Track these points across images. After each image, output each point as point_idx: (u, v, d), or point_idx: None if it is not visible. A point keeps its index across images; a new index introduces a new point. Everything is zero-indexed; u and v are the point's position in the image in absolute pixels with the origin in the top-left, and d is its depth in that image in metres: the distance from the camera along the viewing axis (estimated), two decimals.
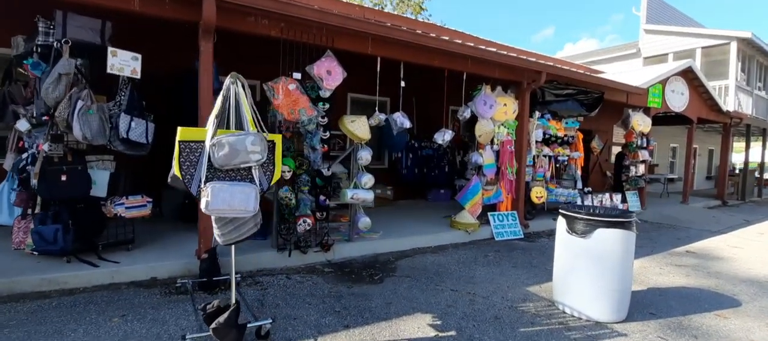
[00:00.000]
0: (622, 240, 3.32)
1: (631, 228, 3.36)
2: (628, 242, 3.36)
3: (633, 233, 3.40)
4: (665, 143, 16.43)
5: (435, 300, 3.80)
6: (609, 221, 3.30)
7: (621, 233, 3.30)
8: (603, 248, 3.32)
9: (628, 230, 3.34)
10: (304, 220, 4.64)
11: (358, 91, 8.40)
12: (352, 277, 4.42)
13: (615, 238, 3.30)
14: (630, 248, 3.39)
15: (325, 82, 4.68)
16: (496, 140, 6.71)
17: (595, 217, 3.34)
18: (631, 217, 3.38)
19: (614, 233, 3.30)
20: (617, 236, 3.30)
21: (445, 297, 3.87)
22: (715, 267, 5.37)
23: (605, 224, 3.30)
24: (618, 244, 3.31)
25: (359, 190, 5.03)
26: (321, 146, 4.74)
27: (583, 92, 7.75)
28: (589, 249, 3.37)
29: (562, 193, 7.70)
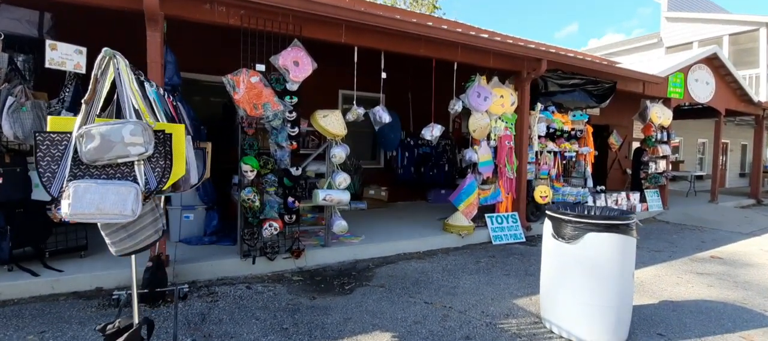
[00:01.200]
0: (618, 246, 2.75)
1: (629, 232, 2.79)
2: (626, 249, 2.79)
3: (632, 238, 2.83)
4: (693, 138, 15.33)
5: (403, 314, 3.32)
6: (601, 224, 2.74)
7: (616, 238, 2.74)
8: (594, 257, 2.77)
9: (626, 235, 2.77)
10: (270, 224, 4.24)
11: (350, 87, 7.99)
12: (321, 287, 3.99)
13: (609, 244, 2.74)
14: (629, 256, 2.82)
15: (291, 73, 4.28)
16: (493, 135, 6.15)
17: (585, 219, 2.79)
18: (629, 219, 2.81)
19: (608, 239, 2.74)
20: (612, 241, 2.74)
21: (416, 312, 3.38)
22: (745, 276, 4.66)
23: (597, 227, 2.75)
24: (613, 251, 2.75)
25: (333, 191, 4.59)
26: (288, 143, 4.34)
27: (593, 81, 7.08)
28: (578, 258, 2.82)
29: (571, 192, 7.05)
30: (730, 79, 10.00)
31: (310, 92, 7.51)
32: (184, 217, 4.83)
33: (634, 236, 2.84)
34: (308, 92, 7.73)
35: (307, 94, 7.73)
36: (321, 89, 7.57)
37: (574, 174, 7.45)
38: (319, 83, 7.60)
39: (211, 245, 4.71)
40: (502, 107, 6.04)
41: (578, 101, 6.90)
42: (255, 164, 4.16)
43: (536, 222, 6.77)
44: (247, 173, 4.15)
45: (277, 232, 4.28)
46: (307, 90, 7.69)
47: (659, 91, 8.55)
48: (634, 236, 2.85)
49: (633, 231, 2.83)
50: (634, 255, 2.89)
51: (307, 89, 7.72)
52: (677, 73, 8.78)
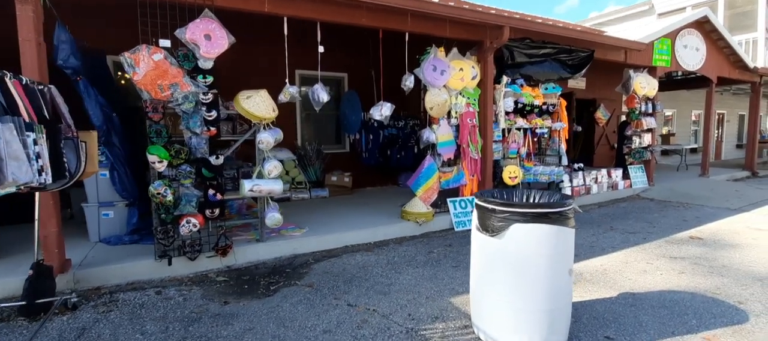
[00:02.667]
0: (549, 239, 2.28)
1: (563, 221, 2.31)
2: (560, 242, 2.32)
3: (568, 229, 2.35)
4: (686, 110, 14.73)
5: (315, 321, 2.88)
6: (528, 213, 2.26)
7: (546, 229, 2.26)
8: (521, 252, 2.30)
9: (559, 225, 2.29)
10: (188, 220, 3.78)
11: (309, 66, 7.43)
12: (244, 288, 3.56)
13: (537, 236, 2.27)
14: (563, 250, 2.35)
15: (202, 49, 3.75)
16: (454, 113, 5.63)
17: (509, 208, 2.31)
18: (564, 205, 2.32)
19: (536, 230, 2.26)
20: (541, 233, 2.27)
21: (332, 317, 2.93)
22: (724, 259, 4.20)
23: (523, 217, 2.27)
24: (542, 245, 2.27)
25: (262, 180, 4.11)
26: (203, 128, 3.84)
27: (566, 50, 6.51)
28: (503, 253, 2.35)
29: (544, 171, 6.55)
30: (722, 44, 9.37)
31: (261, 73, 6.99)
32: (103, 215, 4.38)
33: (570, 226, 2.36)
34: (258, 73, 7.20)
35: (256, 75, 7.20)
36: (273, 71, 7.02)
37: (549, 152, 6.94)
38: (271, 64, 7.07)
39: (133, 244, 4.27)
40: (461, 81, 5.49)
41: (549, 72, 6.34)
42: (163, 154, 3.67)
43: None
44: (154, 165, 3.67)
45: (197, 229, 3.82)
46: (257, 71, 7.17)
47: (643, 59, 7.96)
48: (571, 226, 2.37)
49: (569, 220, 2.34)
50: (571, 248, 2.42)
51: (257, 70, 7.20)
52: (663, 39, 8.17)
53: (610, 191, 7.73)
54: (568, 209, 2.32)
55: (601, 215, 6.38)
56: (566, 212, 2.31)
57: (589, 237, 5.05)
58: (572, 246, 2.43)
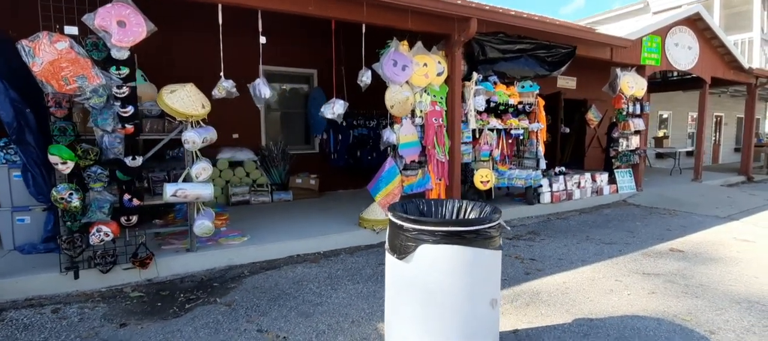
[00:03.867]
0: (464, 264, 1.86)
1: (484, 243, 1.89)
2: (479, 268, 1.90)
3: (491, 251, 1.93)
4: (682, 112, 14.27)
5: None
6: (438, 232, 1.84)
7: (461, 252, 1.85)
8: (430, 278, 1.88)
9: (477, 247, 1.87)
10: (98, 228, 3.38)
11: (274, 62, 7.03)
12: (156, 306, 3.15)
13: (450, 261, 1.85)
14: (483, 277, 1.93)
15: (114, 37, 3.35)
16: (419, 112, 5.21)
17: (418, 225, 1.89)
18: (485, 222, 1.90)
19: (447, 253, 1.85)
20: (454, 257, 1.85)
21: None
22: (702, 276, 3.77)
23: (433, 236, 1.85)
24: (456, 271, 1.86)
25: (188, 184, 3.71)
26: (116, 125, 3.43)
27: (545, 46, 6.08)
28: (411, 279, 1.94)
29: (519, 175, 6.13)
30: (716, 43, 8.92)
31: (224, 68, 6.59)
32: (18, 220, 3.98)
33: (493, 247, 1.93)
34: (219, 70, 6.78)
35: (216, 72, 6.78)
36: (236, 65, 6.61)
37: (527, 155, 6.51)
38: (233, 58, 6.66)
39: (48, 253, 3.86)
40: (426, 77, 5.07)
41: (525, 69, 5.92)
42: (66, 155, 3.26)
43: None
44: (57, 166, 3.27)
45: (109, 238, 3.42)
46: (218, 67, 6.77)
47: (631, 57, 7.53)
48: (494, 247, 1.94)
49: (491, 241, 1.92)
50: (494, 274, 2.00)
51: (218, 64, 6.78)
52: (652, 36, 7.73)
53: (594, 196, 7.30)
54: (488, 227, 1.89)
55: (579, 223, 5.95)
56: (486, 231, 1.89)
57: (559, 248, 4.62)
58: (497, 271, 2.01)
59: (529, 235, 5.22)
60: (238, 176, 6.31)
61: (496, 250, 1.95)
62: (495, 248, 1.94)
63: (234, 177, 6.28)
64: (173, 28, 5.93)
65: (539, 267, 4.00)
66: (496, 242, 1.95)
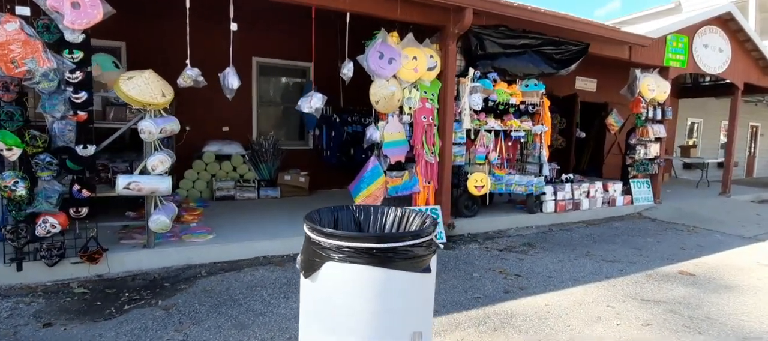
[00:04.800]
0: (374, 289, 1.52)
1: (406, 264, 1.54)
2: (393, 295, 1.56)
3: (411, 275, 1.58)
4: (715, 119, 13.28)
5: None
6: (345, 248, 1.51)
7: (371, 273, 1.51)
8: (337, 304, 1.55)
9: (392, 269, 1.52)
10: (45, 219, 3.21)
11: (270, 54, 6.81)
12: (94, 305, 2.96)
13: (357, 284, 1.52)
14: (401, 306, 1.58)
15: (66, 18, 3.15)
16: (407, 108, 4.85)
17: (324, 237, 1.56)
18: (407, 238, 1.55)
19: (355, 274, 1.51)
20: (363, 279, 1.51)
21: None
22: (711, 307, 3.27)
23: (338, 252, 1.52)
24: (363, 298, 1.52)
25: (142, 176, 3.49)
26: (67, 112, 3.25)
27: (553, 42, 5.60)
28: (317, 303, 1.61)
29: (519, 181, 5.67)
30: (750, 46, 8.13)
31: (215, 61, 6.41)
32: None
33: (417, 269, 1.58)
34: (211, 61, 6.62)
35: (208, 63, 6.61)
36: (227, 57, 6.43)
37: (530, 159, 6.04)
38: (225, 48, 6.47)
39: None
40: (415, 71, 4.71)
41: (529, 66, 5.46)
42: (11, 141, 3.09)
43: (471, 219, 5.47)
44: (2, 153, 3.10)
45: (57, 229, 3.24)
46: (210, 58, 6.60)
47: (653, 57, 6.91)
48: (419, 269, 1.59)
49: (415, 262, 1.57)
50: (422, 302, 1.65)
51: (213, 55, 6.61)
52: (678, 35, 7.08)
53: (605, 207, 6.74)
54: (409, 245, 1.54)
55: (583, 236, 5.45)
56: (407, 249, 1.54)
57: (552, 264, 4.18)
58: (424, 298, 1.66)
59: (523, 247, 4.79)
60: (225, 170, 6.12)
61: (422, 273, 1.60)
62: (419, 270, 1.59)
63: (220, 171, 6.09)
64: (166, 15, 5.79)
65: (523, 285, 3.58)
66: (422, 264, 1.60)
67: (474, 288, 3.47)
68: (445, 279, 3.67)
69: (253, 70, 6.70)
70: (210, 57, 6.47)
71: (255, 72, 6.72)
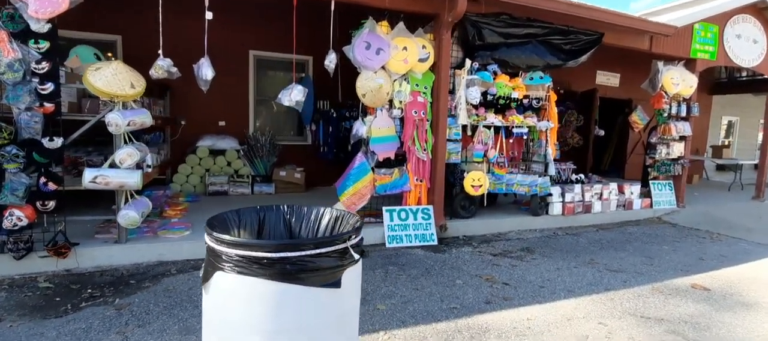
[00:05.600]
0: (268, 305, 1.30)
1: (304, 277, 1.31)
2: (293, 312, 1.34)
3: (310, 289, 1.34)
4: (753, 117, 12.28)
5: None
6: (236, 257, 1.29)
7: (261, 287, 1.28)
8: (228, 318, 1.34)
9: (289, 283, 1.30)
10: (11, 213, 3.17)
11: (269, 48, 6.68)
12: (53, 301, 2.89)
13: (247, 298, 1.30)
14: (295, 325, 1.35)
15: (30, 7, 3.08)
16: (397, 102, 4.59)
17: (215, 243, 1.35)
18: (335, 242, 1.32)
19: (245, 287, 1.29)
20: (253, 293, 1.29)
21: None
22: (722, 328, 2.87)
23: (229, 261, 1.31)
24: (254, 314, 1.30)
25: (110, 170, 3.40)
26: (33, 102, 3.18)
27: (561, 31, 5.19)
28: (210, 315, 1.41)
29: (522, 181, 5.30)
30: None
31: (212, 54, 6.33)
32: None
33: (319, 284, 1.35)
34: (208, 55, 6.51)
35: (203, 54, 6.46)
36: (224, 50, 6.35)
37: (535, 158, 5.65)
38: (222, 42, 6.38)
39: None
40: (405, 62, 4.44)
41: (532, 57, 5.07)
42: None
43: (467, 220, 5.16)
44: None
45: (23, 222, 3.19)
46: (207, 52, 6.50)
47: (677, 48, 6.35)
48: (321, 284, 1.35)
49: (317, 275, 1.33)
50: (326, 320, 1.40)
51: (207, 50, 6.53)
52: (707, 24, 6.47)
53: (620, 210, 6.25)
54: (310, 255, 1.30)
55: (591, 241, 5.03)
56: (307, 260, 1.30)
57: (548, 272, 3.83)
58: (336, 318, 1.42)
59: (521, 252, 4.44)
60: (219, 166, 6.05)
61: (326, 288, 1.36)
62: (322, 284, 1.35)
63: (214, 166, 6.02)
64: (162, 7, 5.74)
65: (509, 295, 3.27)
66: (329, 277, 1.36)
67: (453, 297, 3.19)
68: (424, 285, 3.40)
69: (251, 64, 6.59)
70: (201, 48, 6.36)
71: (252, 66, 6.61)
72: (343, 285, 1.42)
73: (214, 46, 6.34)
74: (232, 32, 6.31)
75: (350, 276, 1.47)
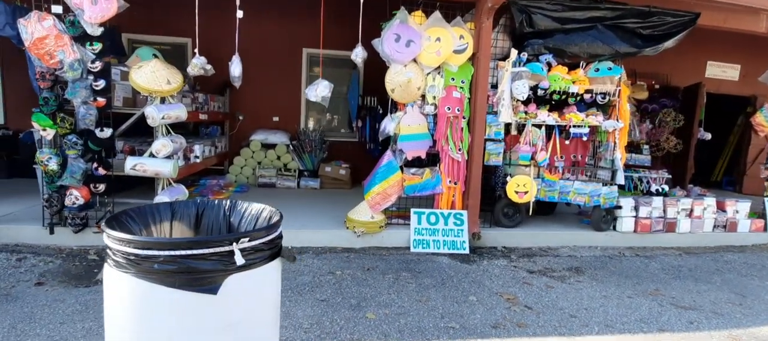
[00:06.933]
0: (137, 304, 1.22)
1: (176, 279, 1.21)
2: (160, 313, 1.23)
3: (193, 294, 1.22)
4: None
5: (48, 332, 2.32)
6: (119, 253, 1.24)
7: (135, 284, 1.20)
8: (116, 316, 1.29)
9: (163, 284, 1.20)
10: (71, 192, 3.67)
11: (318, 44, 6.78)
12: (93, 272, 3.26)
13: (128, 299, 1.23)
14: (170, 329, 1.23)
15: (86, 13, 3.50)
16: (430, 98, 4.29)
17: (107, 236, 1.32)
18: (211, 245, 1.21)
19: (126, 286, 1.23)
20: (134, 293, 1.22)
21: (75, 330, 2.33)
22: None
23: (113, 256, 1.27)
24: (126, 313, 1.23)
25: (147, 159, 3.73)
26: (88, 97, 3.62)
27: (639, 12, 4.35)
28: (105, 311, 1.38)
29: (581, 190, 4.57)
30: None
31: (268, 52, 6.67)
32: None
33: (195, 287, 1.22)
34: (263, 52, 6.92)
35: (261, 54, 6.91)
36: (279, 48, 6.63)
37: (602, 163, 4.83)
38: (277, 40, 6.67)
39: None
40: (437, 54, 4.11)
41: (596, 45, 4.33)
42: (44, 122, 3.57)
43: (512, 228, 4.63)
44: (40, 133, 3.61)
45: (80, 201, 3.67)
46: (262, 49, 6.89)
47: None
48: (197, 287, 1.22)
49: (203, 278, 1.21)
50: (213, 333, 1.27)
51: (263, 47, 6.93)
52: None
53: (719, 232, 5.07)
54: (180, 255, 1.18)
55: (664, 267, 4.14)
56: (176, 259, 1.18)
57: (590, 299, 3.22)
58: (214, 330, 1.27)
59: (565, 272, 3.83)
60: (270, 159, 6.34)
61: (201, 294, 1.22)
62: (194, 289, 1.21)
63: (265, 159, 6.33)
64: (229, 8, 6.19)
65: (526, 321, 2.80)
66: (201, 282, 1.22)
67: (457, 315, 2.83)
68: (431, 297, 3.09)
69: (303, 61, 6.79)
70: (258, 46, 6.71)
71: (305, 63, 6.80)
72: (226, 294, 1.28)
73: (270, 44, 6.73)
74: (287, 30, 6.57)
75: (241, 283, 1.32)
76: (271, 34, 6.60)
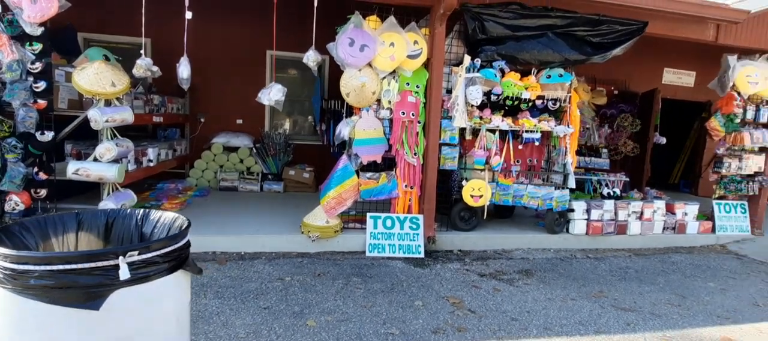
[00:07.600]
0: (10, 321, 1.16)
1: (32, 290, 1.16)
2: (35, 330, 1.17)
3: (73, 310, 1.18)
4: None
5: None
6: None
7: (7, 299, 1.15)
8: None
9: (37, 300, 1.15)
10: (11, 198, 3.52)
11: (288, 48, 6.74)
12: None
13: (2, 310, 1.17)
14: None
15: (25, 12, 3.37)
16: (385, 102, 4.30)
17: None
18: (93, 259, 1.16)
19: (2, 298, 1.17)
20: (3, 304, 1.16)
21: None
22: None
23: None
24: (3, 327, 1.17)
25: (90, 163, 3.61)
26: (28, 99, 3.48)
27: (589, 21, 4.47)
28: None
29: (534, 193, 4.67)
30: None
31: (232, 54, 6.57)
32: None
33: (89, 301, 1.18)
34: (227, 54, 6.80)
35: (224, 56, 6.79)
36: (243, 50, 6.54)
37: (556, 167, 4.95)
38: (241, 42, 6.58)
39: None
40: (391, 59, 4.12)
41: (546, 52, 4.43)
42: None
43: (469, 231, 4.68)
44: None
45: (20, 207, 3.52)
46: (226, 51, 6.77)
47: (756, 38, 5.18)
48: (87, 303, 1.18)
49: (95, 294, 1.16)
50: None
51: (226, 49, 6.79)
52: None
53: (668, 234, 5.25)
54: (56, 269, 1.14)
55: (612, 268, 4.26)
56: (53, 274, 1.14)
57: (534, 302, 3.28)
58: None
59: (516, 275, 3.89)
60: (232, 162, 6.24)
61: (83, 309, 1.18)
62: (77, 305, 1.17)
63: (227, 163, 6.22)
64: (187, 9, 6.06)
65: (467, 325, 2.83)
66: (83, 296, 1.18)
67: (399, 321, 2.84)
68: (377, 302, 3.09)
69: (267, 64, 6.71)
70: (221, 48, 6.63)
71: (269, 65, 6.72)
72: (113, 309, 1.24)
73: (234, 46, 6.63)
74: (250, 33, 6.48)
75: (132, 297, 1.28)
76: (235, 36, 6.50)
